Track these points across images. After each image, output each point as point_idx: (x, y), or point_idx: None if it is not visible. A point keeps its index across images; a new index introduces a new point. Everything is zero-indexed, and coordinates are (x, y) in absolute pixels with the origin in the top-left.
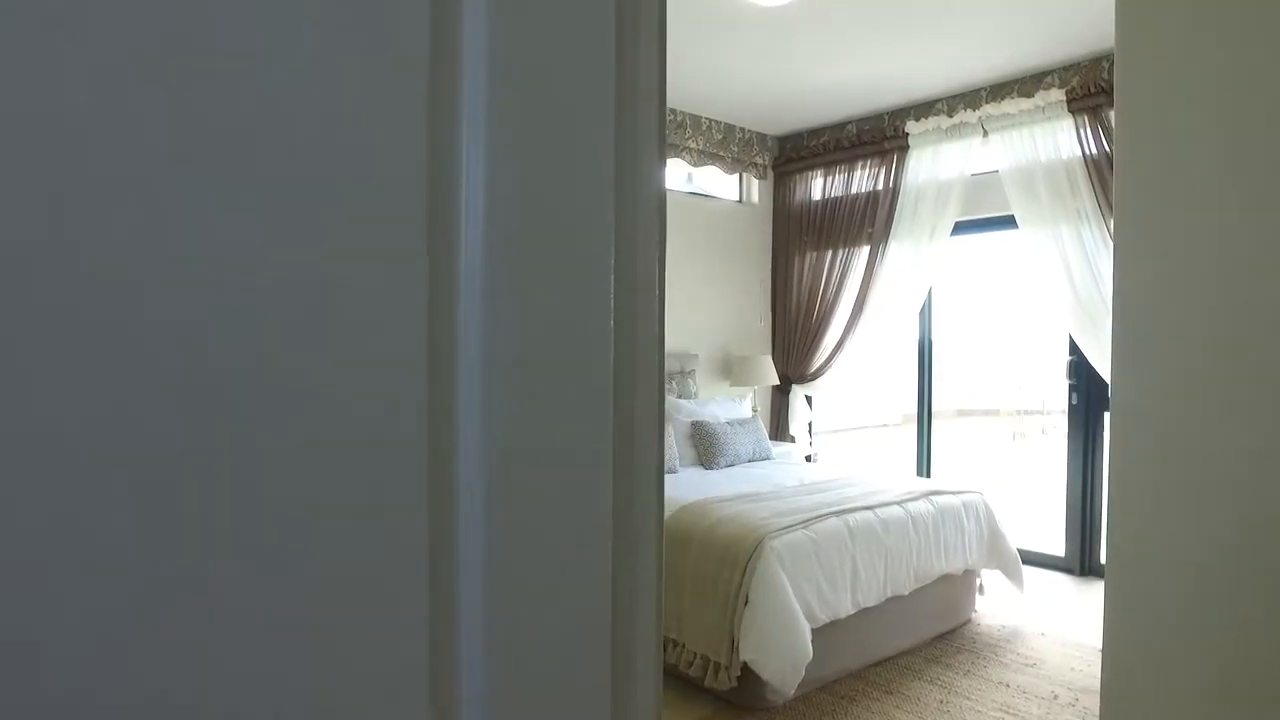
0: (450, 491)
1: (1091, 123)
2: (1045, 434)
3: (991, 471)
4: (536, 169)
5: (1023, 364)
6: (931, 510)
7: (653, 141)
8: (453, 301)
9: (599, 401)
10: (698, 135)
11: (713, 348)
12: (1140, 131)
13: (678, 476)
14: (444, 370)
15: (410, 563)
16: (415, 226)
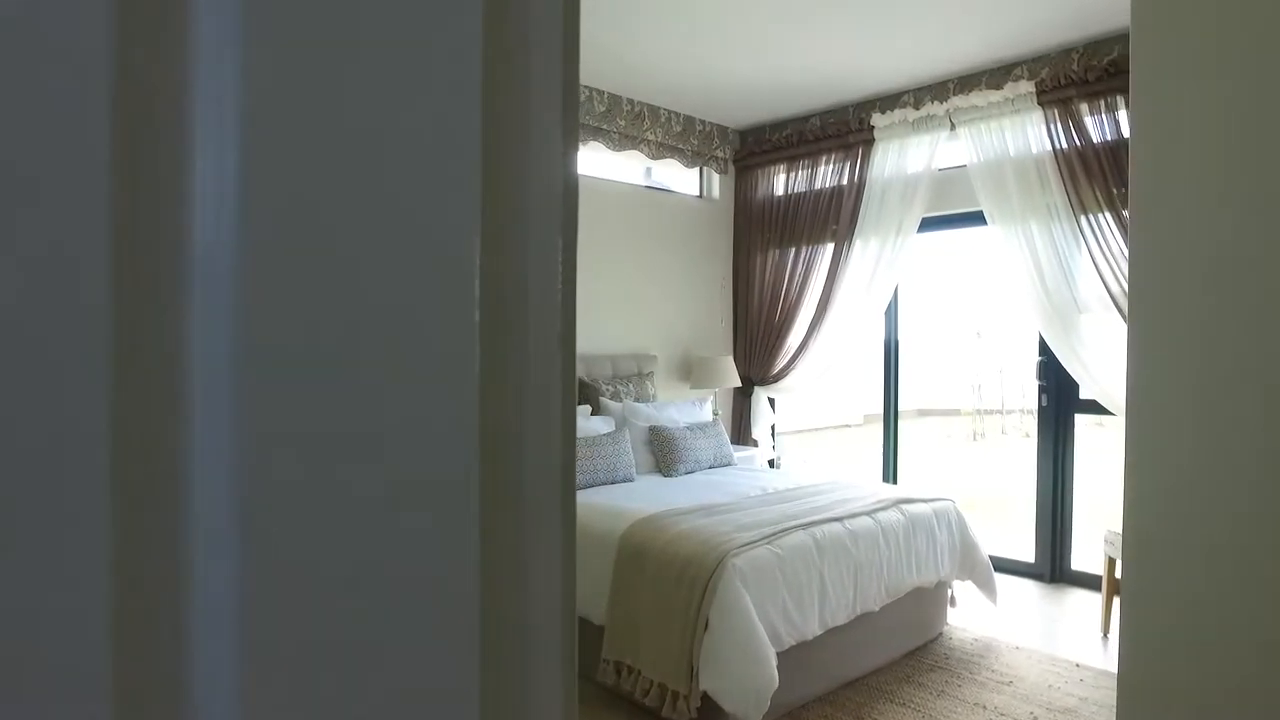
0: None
1: (1062, 116)
2: (1005, 434)
3: (955, 473)
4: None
5: (983, 363)
6: (902, 520)
7: (551, 107)
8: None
9: (440, 408)
10: (656, 127)
11: (672, 349)
12: (1158, 117)
13: (634, 486)
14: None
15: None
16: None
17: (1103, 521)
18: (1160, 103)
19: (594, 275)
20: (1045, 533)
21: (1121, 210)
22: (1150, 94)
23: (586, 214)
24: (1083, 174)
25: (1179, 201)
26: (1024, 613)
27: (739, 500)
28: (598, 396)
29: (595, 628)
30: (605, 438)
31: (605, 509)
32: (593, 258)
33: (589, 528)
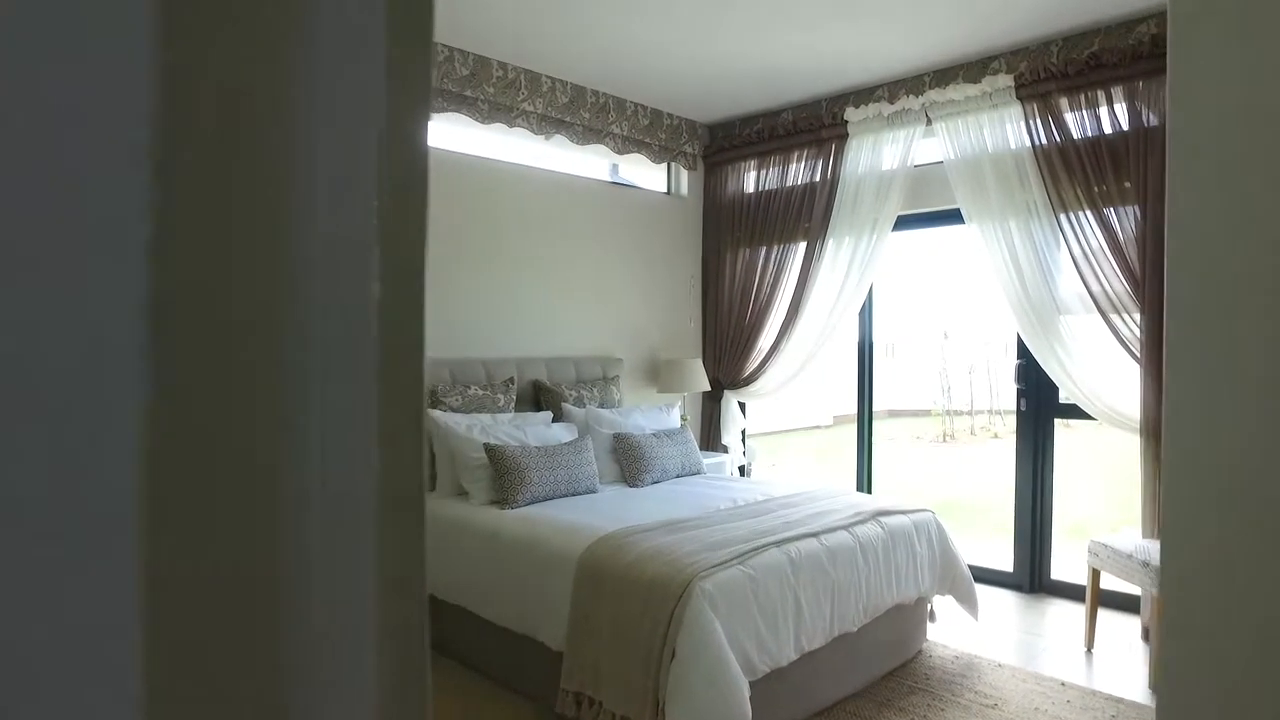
0: None
1: (1041, 111)
2: (974, 434)
3: (927, 477)
4: None
5: (951, 364)
6: (881, 534)
7: (372, 61)
8: None
9: None
10: (622, 120)
11: (638, 351)
12: (1198, 109)
13: (597, 498)
14: None
15: None
16: None
17: (1077, 527)
18: (1201, 92)
19: (557, 275)
20: (1024, 542)
21: (1103, 208)
22: (1190, 83)
23: (550, 210)
24: (1063, 171)
25: (1220, 197)
26: (1004, 626)
27: (708, 514)
28: (560, 402)
29: (553, 654)
30: (567, 447)
31: (564, 525)
32: (555, 257)
33: (545, 546)
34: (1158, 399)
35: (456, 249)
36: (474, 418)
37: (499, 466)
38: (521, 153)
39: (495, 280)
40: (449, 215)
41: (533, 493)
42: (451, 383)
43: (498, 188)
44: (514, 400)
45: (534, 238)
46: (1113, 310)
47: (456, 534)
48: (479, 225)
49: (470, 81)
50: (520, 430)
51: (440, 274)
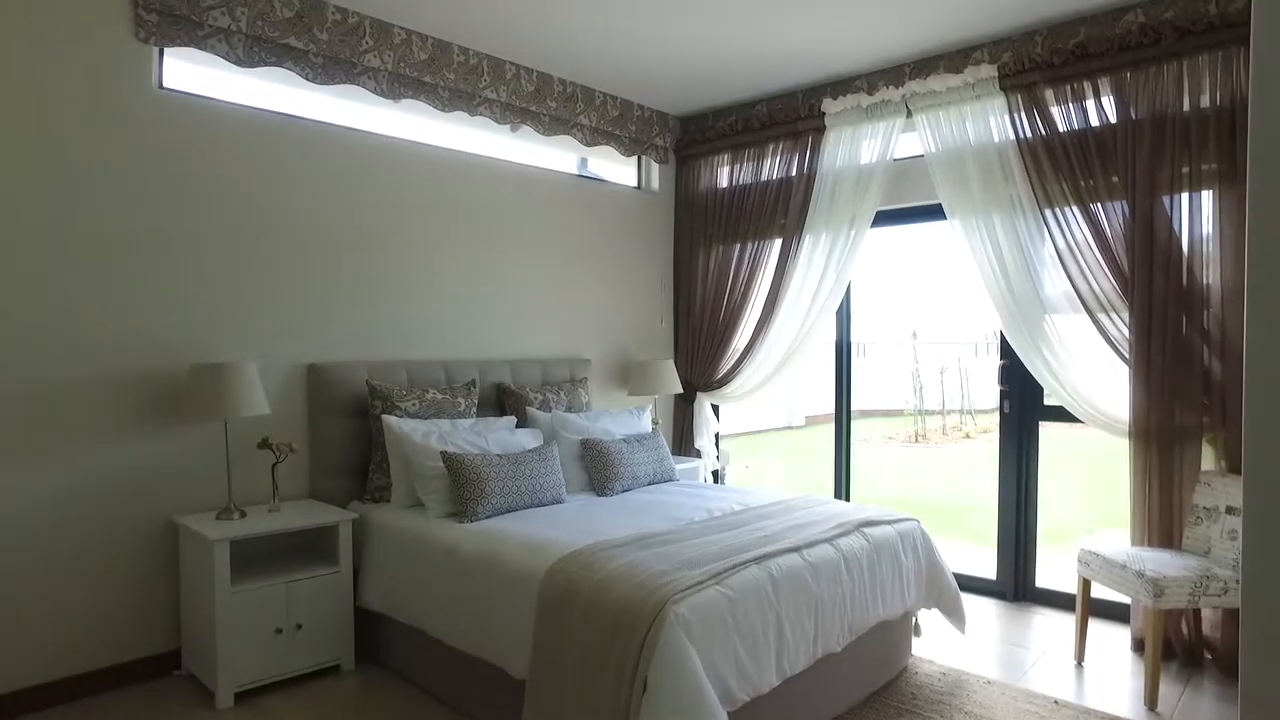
0: None
1: (1026, 102)
2: (946, 434)
3: (902, 479)
4: None
5: (923, 364)
6: (866, 546)
7: None
8: None
9: None
10: (590, 110)
11: (608, 352)
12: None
13: (563, 510)
14: None
15: None
16: None
17: (1055, 531)
18: None
19: (522, 272)
20: (1008, 548)
21: (1090, 204)
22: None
23: (516, 205)
24: (1048, 165)
25: None
26: (991, 638)
27: (682, 527)
28: (524, 406)
29: (515, 682)
30: (531, 454)
31: (526, 540)
32: (520, 253)
33: (506, 564)
34: (1147, 401)
35: (415, 244)
36: (432, 423)
37: (457, 476)
38: (486, 144)
39: (457, 278)
40: (407, 208)
41: (494, 504)
42: (409, 386)
43: (460, 180)
44: (476, 404)
45: (499, 234)
46: (1100, 309)
47: (413, 549)
48: (440, 219)
49: (429, 67)
50: (481, 437)
51: (397, 270)
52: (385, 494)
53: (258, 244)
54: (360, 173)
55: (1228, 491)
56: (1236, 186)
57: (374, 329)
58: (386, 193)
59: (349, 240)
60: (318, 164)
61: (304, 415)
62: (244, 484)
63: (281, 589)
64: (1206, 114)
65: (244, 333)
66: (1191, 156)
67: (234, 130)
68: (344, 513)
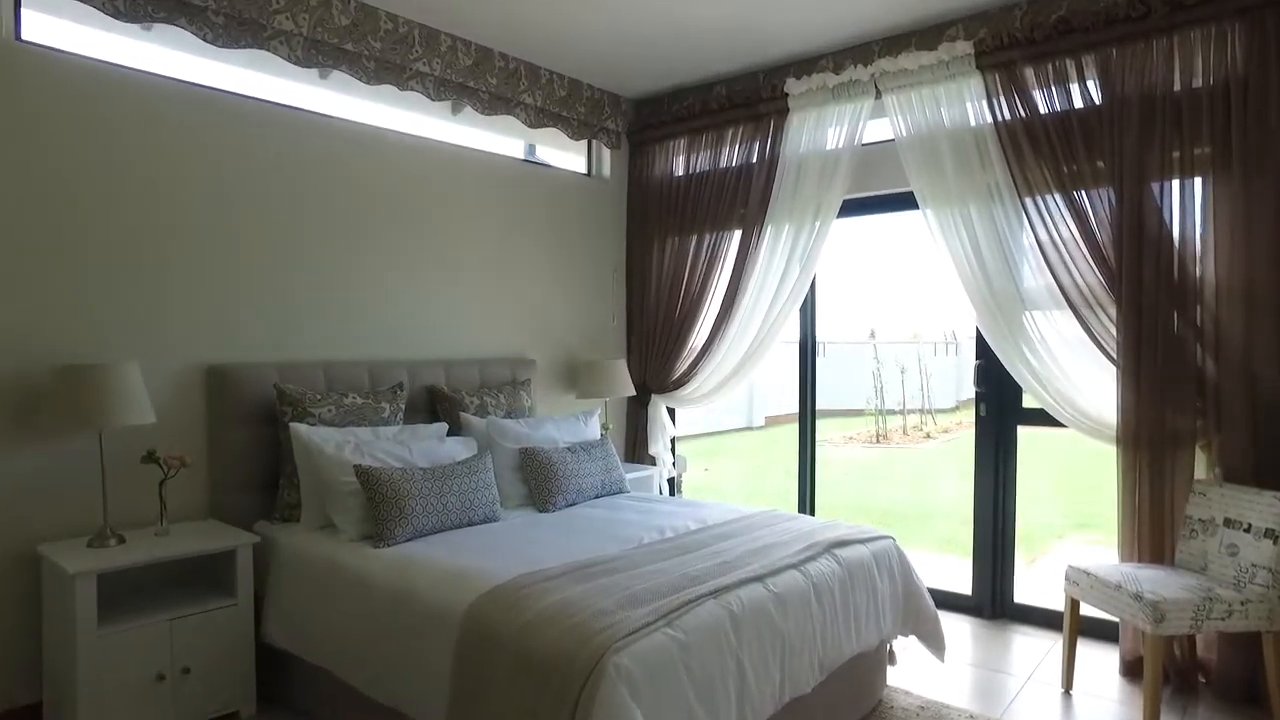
0: None
1: (1004, 82)
2: (907, 434)
3: (865, 483)
4: None
5: (883, 363)
6: (837, 570)
7: None
8: None
9: None
10: (535, 89)
11: (554, 352)
12: None
13: (496, 529)
14: None
15: None
16: None
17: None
18: None
19: (459, 264)
20: (985, 562)
21: (1073, 191)
22: None
23: (453, 190)
24: (1029, 149)
25: None
26: (970, 663)
27: (629, 551)
28: (459, 411)
29: None
30: (461, 466)
31: (447, 570)
32: (458, 243)
33: (421, 599)
34: (1136, 404)
35: (338, 230)
36: (349, 432)
37: (373, 493)
38: (423, 125)
39: (385, 269)
40: (328, 190)
41: (415, 525)
42: (326, 389)
43: (390, 162)
44: (402, 410)
45: (433, 221)
46: (1085, 305)
47: (320, 578)
48: (366, 205)
49: (352, 33)
50: (405, 447)
51: (316, 260)
52: (295, 512)
53: (144, 228)
54: (273, 148)
55: (1225, 502)
56: (1232, 172)
57: (287, 326)
58: (305, 172)
59: (258, 224)
60: (221, 137)
61: (203, 423)
62: (128, 504)
63: (164, 628)
64: (1199, 94)
65: (125, 330)
66: (1183, 140)
67: (112, 95)
68: (244, 535)
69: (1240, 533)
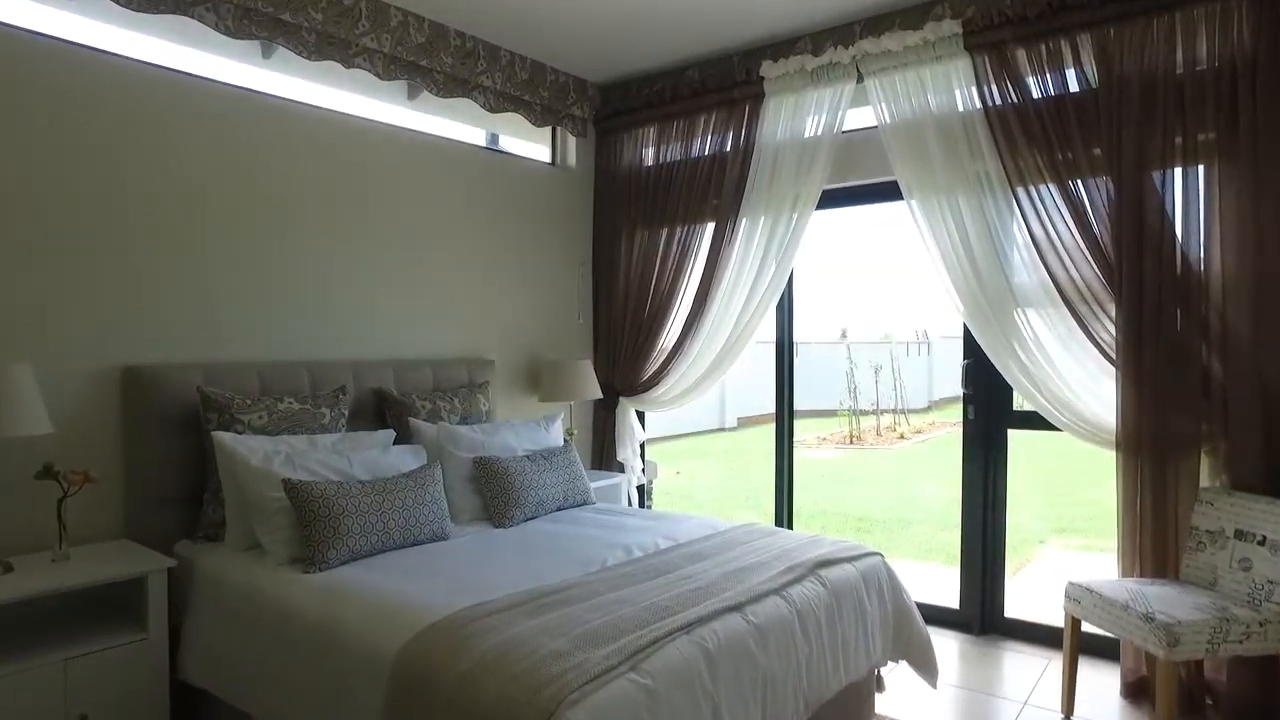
0: None
1: (994, 64)
2: (880, 435)
3: (841, 486)
4: None
5: (856, 362)
6: (823, 595)
7: None
8: None
9: None
10: (495, 71)
11: (515, 353)
12: None
13: (445, 549)
14: None
15: None
16: None
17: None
18: None
19: (411, 257)
20: (973, 574)
21: (1069, 181)
22: None
23: (407, 179)
24: (1021, 136)
25: None
26: (961, 685)
27: (591, 576)
28: (408, 416)
29: None
30: (406, 479)
31: (379, 600)
32: (409, 234)
33: (348, 636)
34: (1138, 407)
35: (277, 218)
36: (282, 441)
37: (303, 510)
38: (377, 110)
39: (330, 261)
40: (266, 174)
41: (351, 546)
42: (260, 393)
43: (334, 144)
44: (345, 416)
45: (384, 210)
46: (1082, 302)
47: (242, 608)
48: (311, 192)
49: (289, 3)
50: (344, 457)
51: (252, 250)
52: (221, 531)
53: (43, 210)
54: (205, 126)
55: (1234, 512)
56: (1239, 159)
57: (217, 322)
58: (240, 153)
59: (184, 209)
60: (140, 110)
61: (118, 432)
62: (21, 526)
63: (57, 670)
64: (1203, 75)
65: (17, 327)
66: (1186, 125)
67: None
68: (157, 559)
69: (1254, 546)
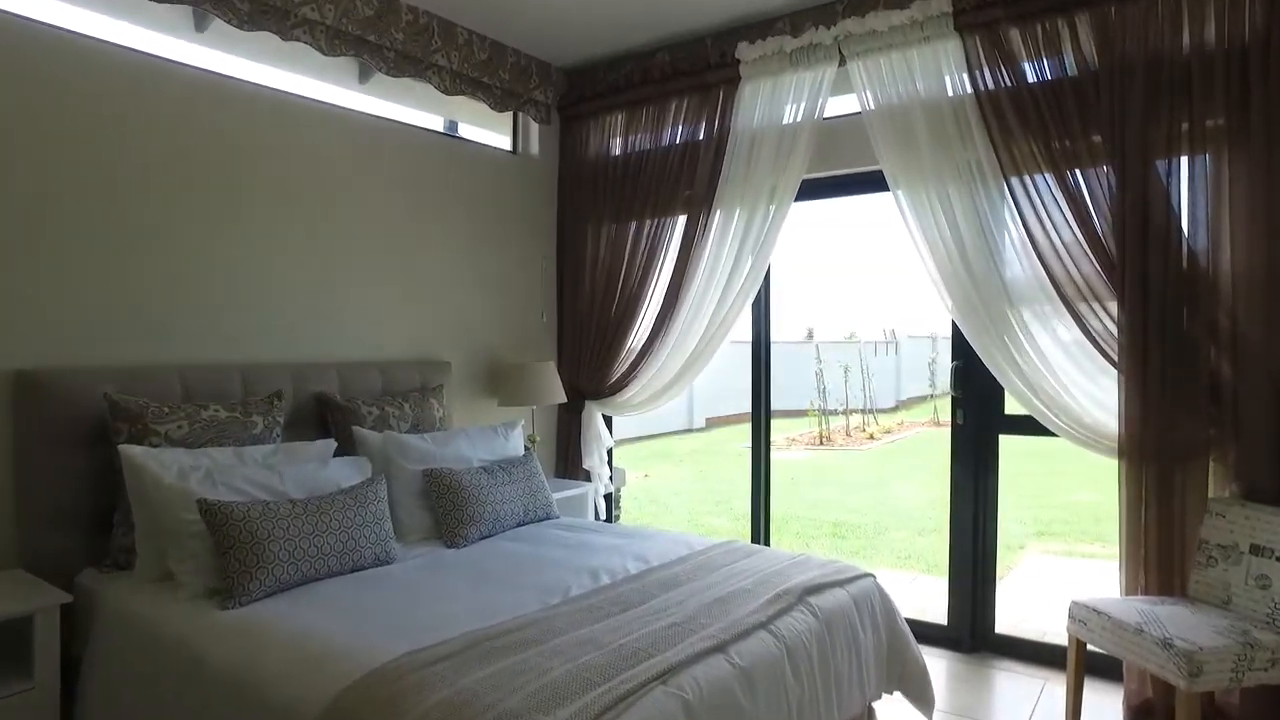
0: None
1: (987, 45)
2: (850, 435)
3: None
4: None
5: (825, 362)
6: (814, 625)
7: None
8: None
9: None
10: (451, 50)
11: (473, 354)
12: None
13: (388, 575)
14: None
15: None
16: None
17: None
18: None
19: (360, 249)
20: (963, 588)
21: (1066, 170)
22: None
23: (354, 165)
24: (1015, 122)
25: None
26: (954, 712)
27: (553, 609)
28: (352, 424)
29: None
30: (345, 496)
31: (305, 644)
32: (357, 224)
33: (262, 689)
34: (1142, 411)
35: (208, 205)
36: (204, 455)
37: (222, 536)
38: (320, 90)
39: (267, 253)
40: (197, 156)
41: (277, 576)
42: (183, 399)
43: (271, 125)
44: (280, 425)
45: (331, 200)
46: (1081, 299)
47: (148, 649)
48: (248, 176)
49: None
50: (275, 472)
51: (176, 240)
52: (131, 559)
53: None
54: (118, 99)
55: (1249, 525)
56: (1250, 146)
57: (133, 321)
58: (163, 128)
59: (95, 191)
60: (42, 77)
61: (9, 445)
62: None
63: None
64: (1212, 56)
65: None
66: (1193, 110)
67: None
68: (50, 594)
69: (1272, 562)
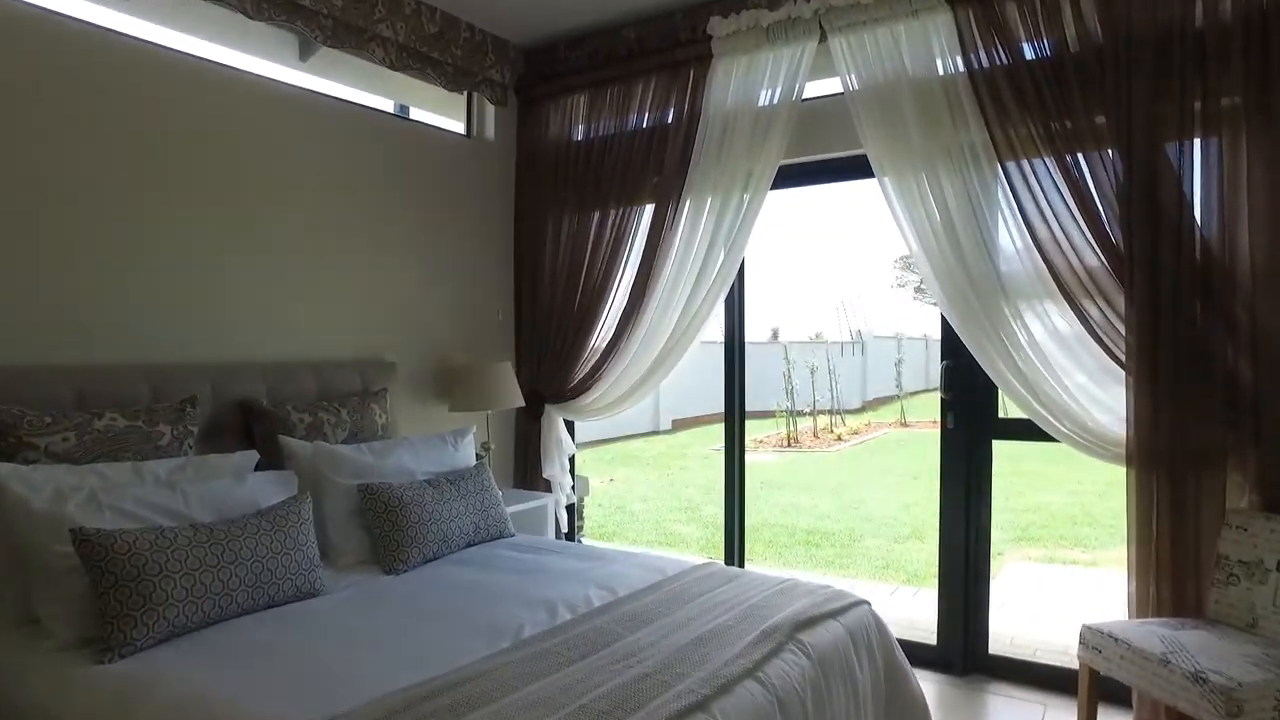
0: None
1: (979, 19)
2: (817, 437)
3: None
4: None
5: (791, 361)
6: (807, 669)
7: None
8: None
9: None
10: (397, 20)
11: (422, 354)
12: None
13: (311, 611)
14: None
15: None
16: None
17: None
18: None
19: (293, 238)
20: (954, 607)
21: (1067, 154)
22: None
23: (289, 146)
24: (1012, 102)
25: None
26: None
27: (500, 657)
28: (278, 433)
29: None
30: (260, 519)
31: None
32: (291, 210)
33: None
34: (1152, 415)
35: (115, 181)
36: (91, 472)
37: (100, 572)
38: (255, 65)
39: (190, 241)
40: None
41: (171, 619)
42: (74, 406)
43: (202, 98)
44: (193, 435)
45: (263, 182)
46: (1085, 294)
47: (7, 714)
48: (168, 152)
49: None
50: (179, 492)
51: (74, 221)
52: None
53: None
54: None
55: (1274, 540)
56: (1271, 126)
57: (12, 313)
58: (58, 95)
59: None
60: None
61: None
62: None
63: None
64: (1227, 28)
65: None
66: (1207, 88)
67: None
68: None
69: None
